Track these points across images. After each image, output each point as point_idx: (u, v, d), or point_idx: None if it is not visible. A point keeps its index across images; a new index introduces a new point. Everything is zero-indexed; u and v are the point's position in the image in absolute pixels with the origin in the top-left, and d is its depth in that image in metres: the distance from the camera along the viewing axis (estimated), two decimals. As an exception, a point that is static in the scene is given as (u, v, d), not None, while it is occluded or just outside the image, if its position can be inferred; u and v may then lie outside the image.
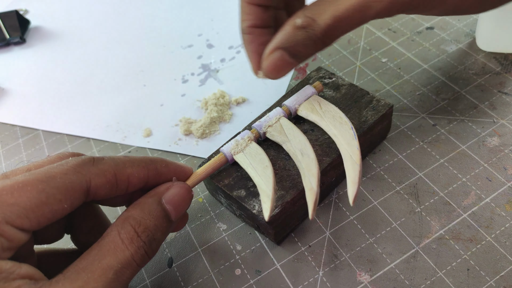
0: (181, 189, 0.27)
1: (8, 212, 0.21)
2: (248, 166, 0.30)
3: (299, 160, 0.30)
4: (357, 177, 0.28)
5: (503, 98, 0.37)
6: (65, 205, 0.22)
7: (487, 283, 0.27)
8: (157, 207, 0.26)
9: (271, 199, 0.28)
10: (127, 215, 0.25)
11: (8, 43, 0.57)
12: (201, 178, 0.30)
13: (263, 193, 0.28)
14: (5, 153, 0.44)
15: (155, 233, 0.25)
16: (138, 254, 0.24)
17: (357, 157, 0.29)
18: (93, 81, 0.49)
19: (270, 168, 0.29)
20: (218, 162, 0.31)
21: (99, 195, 0.25)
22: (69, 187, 0.23)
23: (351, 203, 0.27)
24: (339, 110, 0.32)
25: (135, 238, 0.24)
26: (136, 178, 0.26)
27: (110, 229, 0.25)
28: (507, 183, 0.32)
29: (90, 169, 0.24)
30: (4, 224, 0.21)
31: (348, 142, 0.30)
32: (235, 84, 0.45)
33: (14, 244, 0.21)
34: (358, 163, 0.28)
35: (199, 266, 0.32)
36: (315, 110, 0.32)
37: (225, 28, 0.52)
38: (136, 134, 0.42)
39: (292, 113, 0.33)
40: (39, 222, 0.22)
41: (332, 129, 0.31)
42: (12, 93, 0.50)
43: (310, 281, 0.29)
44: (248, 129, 0.34)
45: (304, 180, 0.29)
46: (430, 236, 0.30)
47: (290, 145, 0.31)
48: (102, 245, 0.24)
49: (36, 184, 0.22)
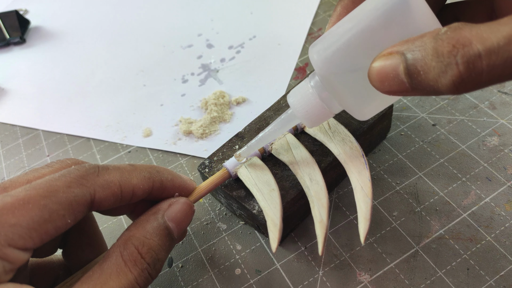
0: (184, 205, 0.26)
1: (10, 233, 0.20)
2: (254, 187, 0.29)
3: (307, 186, 0.28)
4: (369, 212, 0.26)
5: (503, 98, 0.37)
6: (68, 220, 0.21)
7: (487, 282, 0.27)
8: (160, 225, 0.25)
9: (279, 229, 0.26)
10: (129, 235, 0.24)
11: (8, 43, 0.57)
12: (203, 194, 0.29)
13: (269, 220, 0.27)
14: (5, 153, 0.44)
15: (159, 252, 0.24)
16: (142, 277, 0.23)
17: (368, 190, 0.27)
18: (93, 81, 0.49)
19: (277, 191, 0.28)
20: (221, 178, 0.30)
21: (102, 207, 0.23)
22: (73, 202, 0.21)
23: (362, 242, 0.25)
24: (348, 132, 0.30)
25: (138, 260, 0.23)
26: (141, 189, 0.25)
27: (112, 250, 0.23)
28: (507, 182, 0.32)
29: (95, 180, 0.23)
30: (6, 247, 0.20)
31: (359, 171, 0.28)
32: (235, 84, 0.45)
33: (16, 266, 0.20)
34: (369, 197, 0.26)
35: (199, 266, 0.32)
36: (323, 129, 0.31)
37: (225, 28, 0.52)
38: (136, 134, 0.42)
39: (298, 129, 0.32)
40: (42, 240, 0.21)
41: (341, 154, 0.29)
42: (12, 93, 0.50)
43: (310, 280, 0.29)
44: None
45: (313, 210, 0.27)
46: (430, 236, 0.30)
47: (298, 168, 0.29)
48: (104, 268, 0.22)
49: (38, 200, 0.21)
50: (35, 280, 0.26)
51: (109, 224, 0.35)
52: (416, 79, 0.19)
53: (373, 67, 0.20)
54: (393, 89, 0.20)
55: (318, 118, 0.25)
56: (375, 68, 0.20)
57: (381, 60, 0.20)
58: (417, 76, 0.18)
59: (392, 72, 0.19)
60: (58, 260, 0.28)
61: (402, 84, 0.19)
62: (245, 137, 0.34)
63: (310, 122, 0.26)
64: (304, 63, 0.45)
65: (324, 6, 0.51)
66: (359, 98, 0.23)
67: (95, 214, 0.29)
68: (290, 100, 0.26)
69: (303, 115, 0.25)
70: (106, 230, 0.35)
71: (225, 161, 0.32)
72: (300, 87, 0.25)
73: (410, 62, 0.18)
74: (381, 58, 0.20)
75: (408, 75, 0.19)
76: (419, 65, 0.18)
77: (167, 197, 0.27)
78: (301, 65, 0.45)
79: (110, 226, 0.35)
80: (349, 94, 0.23)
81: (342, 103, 0.24)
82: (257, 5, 0.54)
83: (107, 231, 0.35)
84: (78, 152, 0.42)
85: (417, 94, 0.19)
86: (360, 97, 0.23)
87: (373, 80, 0.20)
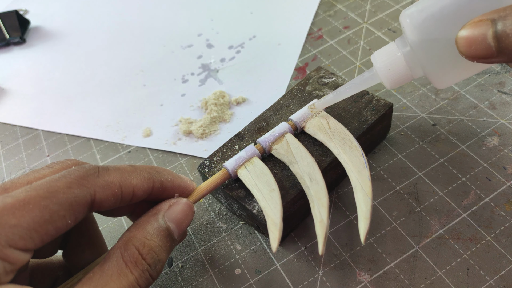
0: (184, 206, 0.26)
1: (11, 234, 0.20)
2: (254, 188, 0.29)
3: (307, 186, 0.28)
4: (369, 211, 0.26)
5: (502, 98, 0.37)
6: (69, 221, 0.21)
7: (486, 282, 0.27)
8: (161, 226, 0.25)
9: (279, 229, 0.26)
10: (129, 236, 0.24)
11: (8, 43, 0.57)
12: (203, 195, 0.29)
13: (270, 221, 0.27)
14: (5, 153, 0.44)
15: (160, 253, 0.24)
16: (143, 278, 0.23)
17: (368, 189, 0.27)
18: (93, 81, 0.49)
19: (277, 191, 0.28)
20: (221, 179, 0.30)
21: (103, 207, 0.23)
22: (73, 202, 0.21)
23: (362, 241, 0.25)
24: (348, 132, 0.30)
25: (139, 261, 0.23)
26: (141, 190, 0.25)
27: (112, 251, 0.23)
28: (506, 182, 0.32)
29: (95, 181, 0.23)
30: (7, 248, 0.20)
31: (359, 170, 0.28)
32: (235, 84, 0.45)
33: (17, 266, 0.20)
34: (369, 196, 0.27)
35: (199, 266, 0.32)
36: (323, 129, 0.31)
37: (225, 28, 0.52)
38: (136, 134, 0.42)
39: (298, 129, 0.32)
40: (42, 241, 0.21)
41: (341, 154, 0.29)
42: (12, 93, 0.50)
43: (310, 280, 0.29)
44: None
45: (313, 210, 0.27)
46: (430, 236, 0.30)
47: (298, 168, 0.29)
48: (104, 269, 0.22)
49: (38, 201, 0.21)
50: (35, 281, 0.26)
51: (109, 224, 0.35)
52: (503, 43, 0.20)
53: (461, 32, 0.22)
54: (479, 54, 0.21)
55: (399, 80, 0.27)
56: (463, 34, 0.22)
57: (470, 27, 0.21)
58: (505, 39, 0.20)
59: (480, 36, 0.21)
60: (58, 261, 0.28)
61: (489, 49, 0.21)
62: (245, 137, 0.34)
63: (390, 83, 0.27)
64: (304, 63, 0.45)
65: (324, 6, 0.51)
66: (443, 64, 0.25)
67: (95, 215, 0.29)
68: (374, 60, 0.27)
69: (386, 75, 0.26)
70: (106, 231, 0.35)
71: (225, 161, 0.32)
72: (386, 48, 0.27)
73: (500, 27, 0.20)
74: (471, 25, 0.21)
75: (496, 39, 0.20)
76: (508, 28, 0.20)
77: (167, 197, 0.27)
78: (301, 65, 0.45)
79: (110, 226, 0.35)
80: (434, 60, 0.24)
81: (425, 68, 0.25)
82: (257, 5, 0.54)
83: (107, 231, 0.35)
84: (78, 152, 0.42)
85: (501, 60, 0.21)
86: (444, 64, 0.25)
87: (460, 46, 0.22)
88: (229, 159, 0.31)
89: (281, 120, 0.34)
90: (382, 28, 0.46)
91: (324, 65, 0.44)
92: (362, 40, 0.45)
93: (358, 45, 0.45)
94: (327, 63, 0.44)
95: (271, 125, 0.34)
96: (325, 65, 0.44)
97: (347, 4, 0.51)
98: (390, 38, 0.45)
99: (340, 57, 0.44)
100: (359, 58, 0.44)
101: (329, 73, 0.37)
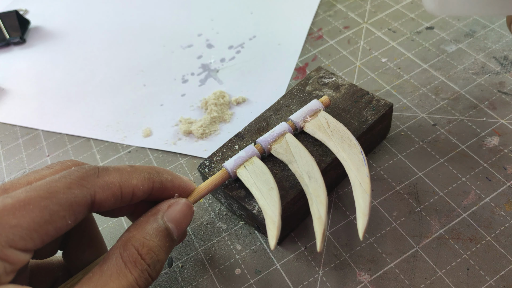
0: (183, 206, 0.26)
1: (11, 234, 0.20)
2: (252, 186, 0.29)
3: (306, 184, 0.28)
4: (367, 208, 0.26)
5: (502, 98, 0.37)
6: (69, 221, 0.21)
7: (486, 282, 0.27)
8: (160, 226, 0.25)
9: (277, 227, 0.26)
10: (129, 236, 0.24)
11: (8, 43, 0.57)
12: (202, 195, 0.29)
13: (268, 219, 0.27)
14: (5, 153, 0.44)
15: (159, 253, 0.24)
16: (142, 278, 0.23)
17: (367, 185, 0.27)
18: (93, 81, 0.49)
19: (276, 190, 0.28)
20: (221, 179, 0.30)
21: (103, 208, 0.23)
22: (73, 203, 0.21)
23: (360, 237, 0.25)
24: (347, 131, 0.31)
25: (138, 261, 0.23)
26: (141, 190, 0.25)
27: (112, 251, 0.23)
28: (506, 182, 0.32)
29: (95, 181, 0.23)
30: (7, 248, 0.20)
31: (357, 167, 0.28)
32: (235, 84, 0.45)
33: (17, 267, 0.20)
34: (368, 193, 0.27)
35: (199, 266, 0.32)
36: (323, 128, 0.31)
37: (225, 28, 0.52)
38: (136, 134, 0.42)
39: (298, 129, 0.32)
40: (42, 241, 0.21)
41: (340, 152, 0.30)
42: (12, 93, 0.50)
43: (310, 280, 0.29)
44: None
45: (312, 207, 0.27)
46: (430, 236, 0.30)
47: (297, 166, 0.29)
48: (104, 269, 0.22)
49: (38, 201, 0.21)
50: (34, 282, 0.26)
51: (109, 225, 0.35)
52: None
53: None
54: None
55: None
56: None
57: None
58: None
59: None
60: (58, 261, 0.28)
61: None
62: (245, 137, 0.34)
63: None
64: (304, 63, 0.45)
65: (324, 6, 0.51)
66: None
67: (95, 215, 0.29)
68: None
69: None
70: (106, 231, 0.35)
71: (225, 161, 0.32)
72: None
73: None
74: None
75: None
76: None
77: (167, 198, 0.27)
78: (301, 65, 0.45)
79: (110, 226, 0.35)
80: None
81: None
82: (257, 5, 0.54)
83: (107, 231, 0.35)
84: (78, 152, 0.42)
85: None
86: None
87: None
88: (229, 159, 0.31)
89: (281, 120, 0.34)
90: (382, 28, 0.46)
91: (324, 65, 0.44)
92: (362, 40, 0.45)
93: (358, 45, 0.45)
94: (327, 63, 0.44)
95: (271, 125, 0.34)
96: (325, 65, 0.44)
97: (347, 4, 0.51)
98: (390, 38, 0.45)
99: (340, 57, 0.44)
100: (359, 58, 0.44)
101: (329, 73, 0.37)
